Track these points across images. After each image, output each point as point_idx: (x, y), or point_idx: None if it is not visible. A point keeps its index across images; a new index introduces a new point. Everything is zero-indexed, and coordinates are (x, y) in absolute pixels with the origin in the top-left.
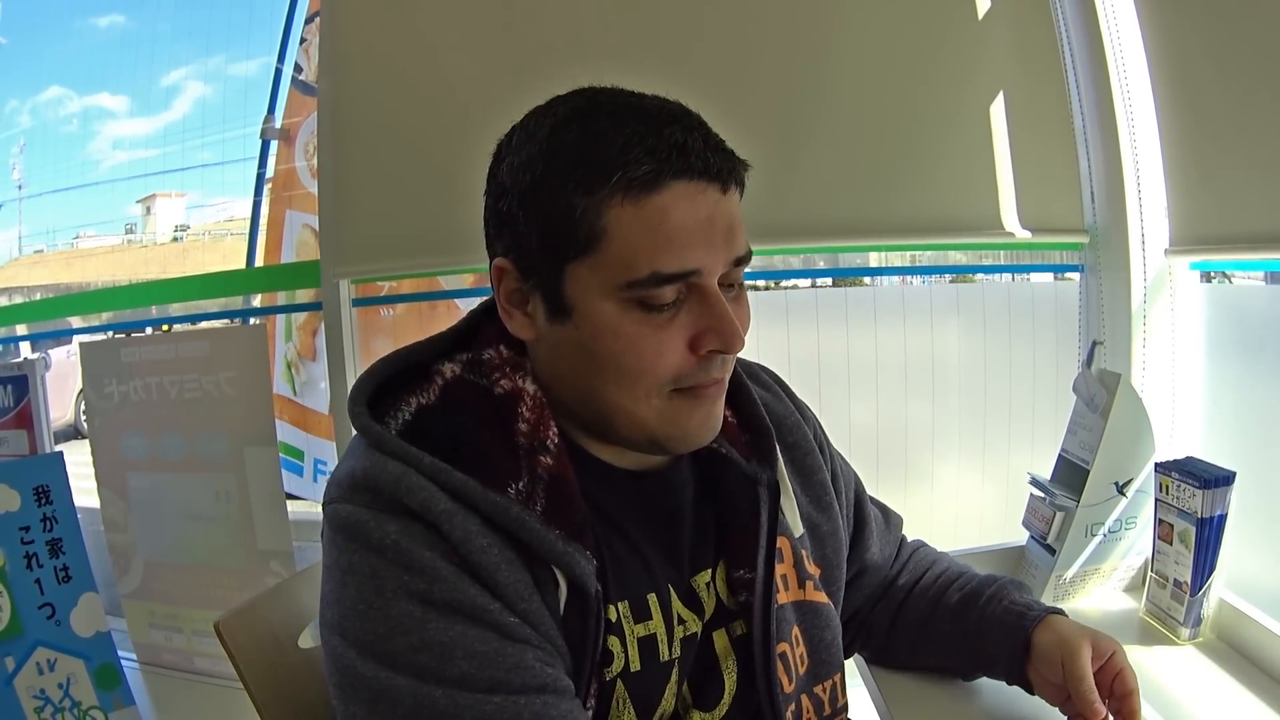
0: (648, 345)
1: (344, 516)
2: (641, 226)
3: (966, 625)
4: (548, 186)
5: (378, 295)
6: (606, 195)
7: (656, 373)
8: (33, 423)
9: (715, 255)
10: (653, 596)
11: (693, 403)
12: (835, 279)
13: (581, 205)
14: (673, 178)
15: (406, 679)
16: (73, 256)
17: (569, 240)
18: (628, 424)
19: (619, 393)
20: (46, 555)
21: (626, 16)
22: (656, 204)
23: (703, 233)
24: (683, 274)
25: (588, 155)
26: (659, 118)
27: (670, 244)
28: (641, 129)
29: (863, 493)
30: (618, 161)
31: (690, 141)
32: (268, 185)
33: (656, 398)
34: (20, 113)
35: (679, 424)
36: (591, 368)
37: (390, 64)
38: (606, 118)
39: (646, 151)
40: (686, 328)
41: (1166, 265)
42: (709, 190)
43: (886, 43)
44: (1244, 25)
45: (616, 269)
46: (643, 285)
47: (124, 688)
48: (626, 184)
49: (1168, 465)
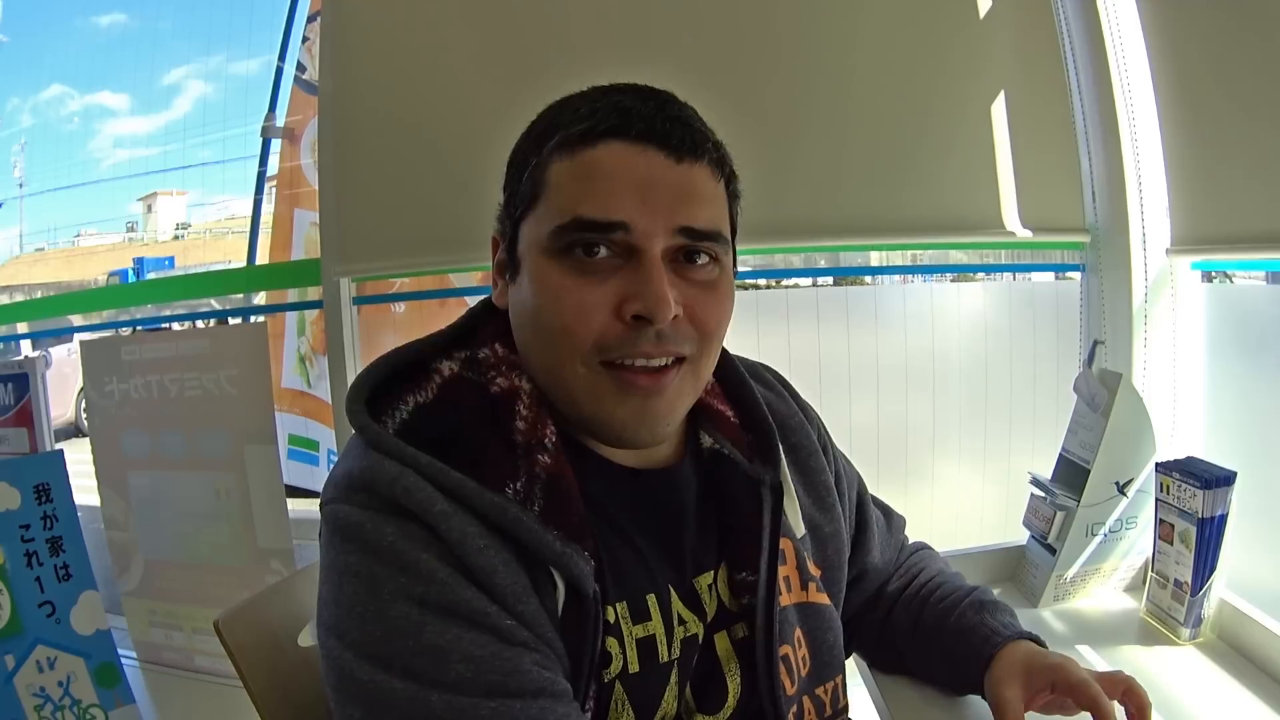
0: (569, 298)
1: (341, 517)
2: (571, 176)
3: (939, 645)
4: (515, 154)
5: (384, 293)
6: (550, 151)
7: (577, 330)
8: (33, 421)
9: (651, 216)
10: (652, 597)
11: (620, 387)
12: (836, 278)
13: (533, 162)
14: (609, 136)
15: (403, 682)
16: (74, 254)
17: (522, 196)
18: (560, 394)
19: (547, 354)
20: (47, 553)
21: (628, 15)
22: (588, 157)
23: (637, 190)
24: (606, 222)
25: (545, 122)
26: (622, 90)
27: (595, 192)
28: (596, 98)
29: (865, 494)
30: (562, 122)
31: (638, 107)
32: (269, 183)
33: (581, 365)
34: (21, 111)
35: (607, 408)
36: (531, 328)
37: (391, 62)
38: (580, 96)
39: (590, 113)
40: (616, 292)
41: (1168, 265)
42: (651, 153)
43: (888, 42)
44: (1245, 25)
45: (548, 218)
46: (566, 231)
47: (124, 686)
48: (565, 140)
49: (1168, 465)
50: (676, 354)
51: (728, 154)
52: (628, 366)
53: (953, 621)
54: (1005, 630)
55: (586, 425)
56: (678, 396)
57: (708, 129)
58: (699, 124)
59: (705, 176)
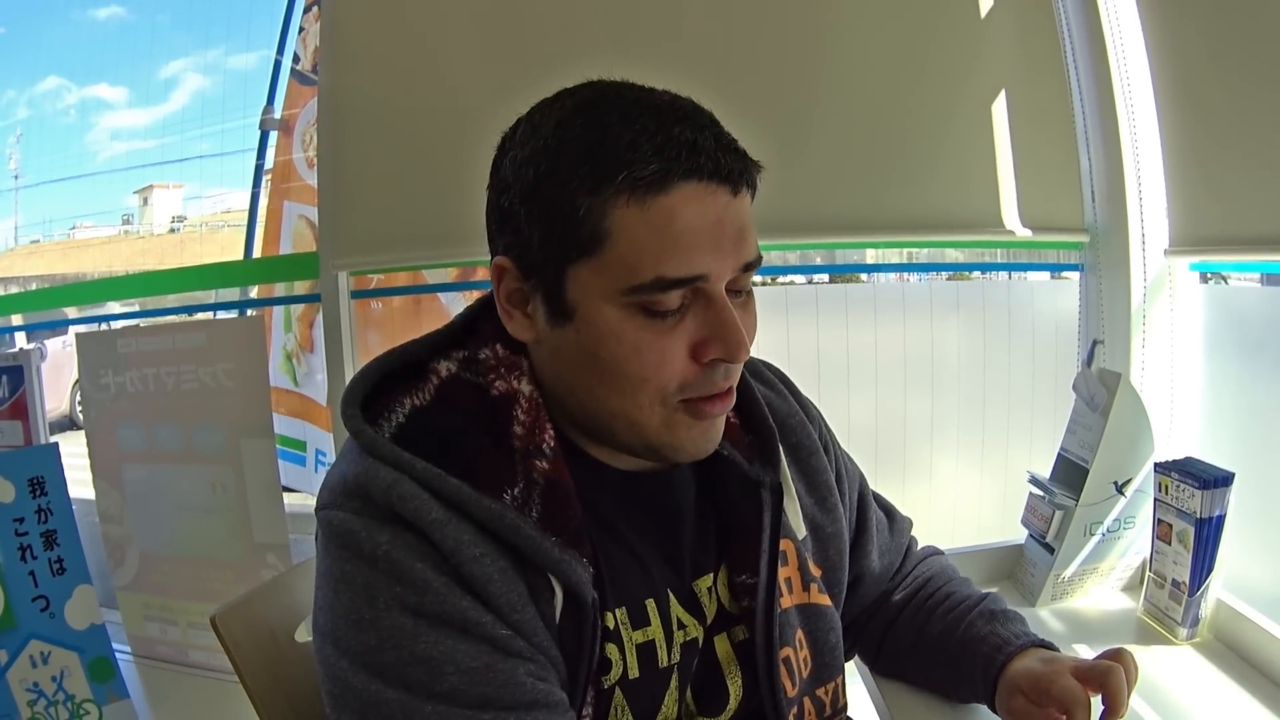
0: (650, 352)
1: (336, 524)
2: (647, 228)
3: (945, 656)
4: (551, 184)
5: (383, 287)
6: (612, 194)
7: (659, 380)
8: (28, 413)
9: (723, 260)
10: (651, 602)
11: (694, 418)
12: (832, 275)
13: (585, 204)
14: (681, 178)
15: (397, 692)
16: (69, 247)
17: (571, 240)
18: (628, 431)
19: (621, 400)
20: (41, 547)
21: (627, 9)
22: (664, 205)
23: (711, 236)
24: (689, 279)
25: (593, 152)
26: (669, 115)
27: (677, 247)
28: (650, 126)
29: (867, 494)
30: (624, 159)
31: (701, 140)
32: (266, 177)
33: (660, 406)
34: (18, 103)
35: (679, 435)
36: (593, 373)
37: (390, 54)
38: (614, 113)
39: (655, 150)
40: (690, 334)
41: (1166, 265)
42: (719, 192)
43: (887, 39)
44: (1245, 25)
45: (620, 272)
46: (647, 290)
47: (118, 680)
48: (632, 183)
49: (1167, 465)
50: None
51: None
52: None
53: (961, 632)
54: (1017, 640)
55: (645, 451)
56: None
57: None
58: (740, 146)
59: (748, 202)
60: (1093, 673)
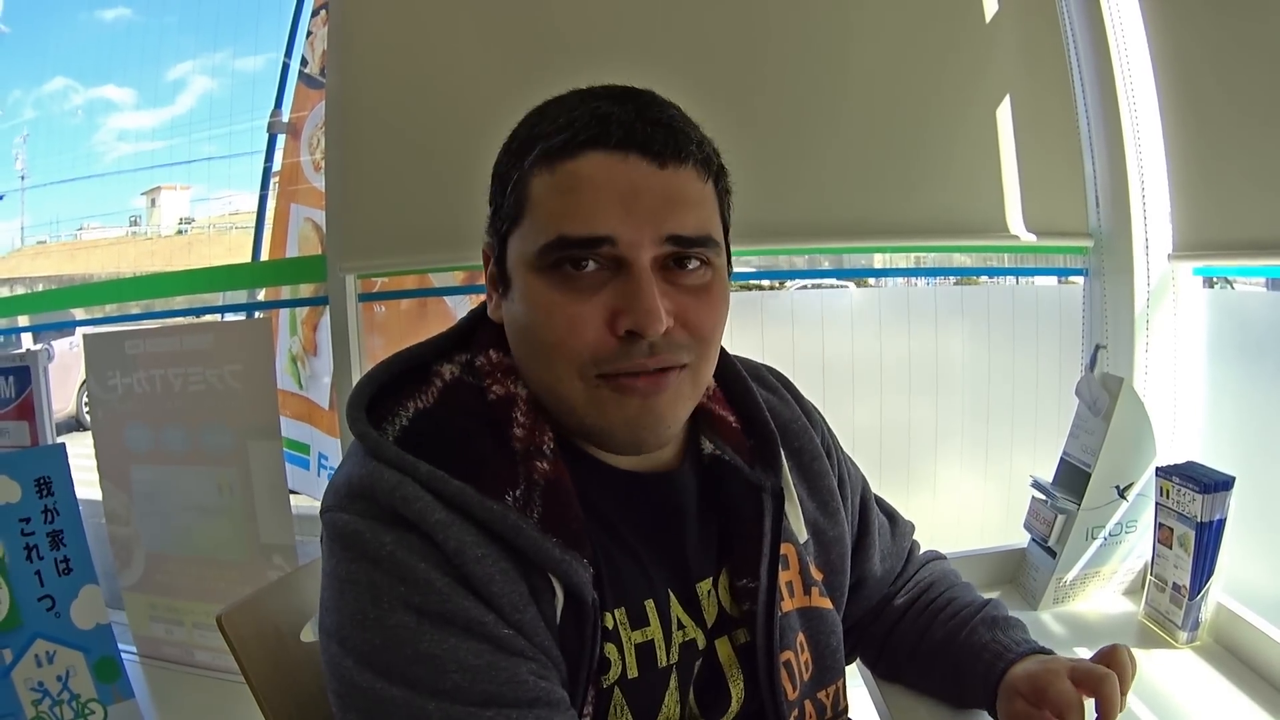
0: (560, 316)
1: (341, 526)
2: (554, 192)
3: (946, 663)
4: (500, 166)
5: (389, 290)
6: (531, 165)
7: (571, 347)
8: (34, 414)
9: (636, 227)
10: (650, 603)
11: (618, 394)
12: (839, 279)
13: (515, 178)
14: (589, 146)
15: (401, 690)
16: (76, 248)
17: (506, 212)
18: (560, 408)
19: (543, 370)
20: (47, 547)
21: (637, 14)
22: (568, 169)
23: (621, 201)
24: (591, 238)
25: (525, 134)
26: (599, 96)
27: (579, 208)
28: (575, 104)
29: (869, 498)
30: (542, 133)
31: (617, 113)
32: (274, 179)
33: (579, 380)
34: (24, 104)
35: (606, 415)
36: (525, 345)
37: (398, 57)
38: (555, 103)
39: (567, 123)
40: (606, 305)
41: (1170, 270)
42: (635, 161)
43: (893, 46)
44: (1248, 32)
45: (534, 236)
46: (552, 250)
47: (124, 680)
48: (545, 152)
49: (1168, 469)
50: (673, 363)
51: (714, 150)
52: (625, 374)
53: (963, 638)
54: (1017, 647)
55: (589, 435)
56: (677, 398)
57: (692, 127)
58: (682, 124)
59: (691, 179)
60: (1089, 677)
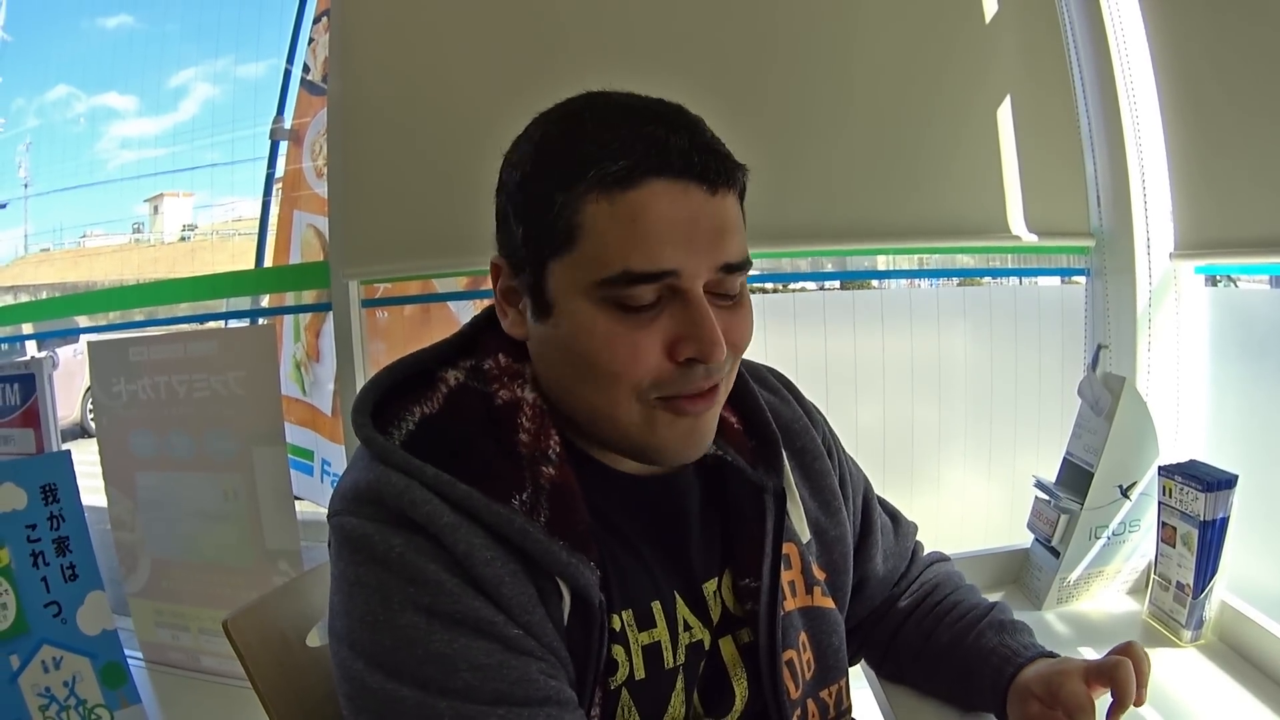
0: (621, 346)
1: (349, 529)
2: (615, 223)
3: (952, 666)
4: (532, 183)
5: (392, 296)
6: (583, 191)
7: (632, 375)
8: (40, 421)
9: (696, 257)
10: (657, 604)
11: (673, 415)
12: (842, 282)
13: (560, 201)
14: (650, 175)
15: (412, 690)
16: (80, 255)
17: (549, 237)
18: (610, 429)
19: (597, 395)
20: (53, 553)
21: (638, 19)
22: (631, 200)
23: (683, 233)
24: (657, 274)
25: (568, 151)
26: (643, 114)
27: (644, 242)
28: (622, 127)
29: (871, 498)
30: (595, 157)
31: (673, 140)
32: (277, 186)
33: (637, 403)
34: (27, 112)
35: (659, 435)
36: (572, 369)
37: (399, 64)
38: (592, 115)
39: (624, 147)
40: (665, 332)
41: (1172, 269)
42: (692, 190)
43: (894, 47)
44: (1248, 30)
45: (591, 266)
46: (615, 284)
47: (130, 686)
48: (601, 179)
49: (1171, 468)
50: (721, 380)
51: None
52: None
53: (970, 641)
54: (1026, 652)
55: (632, 450)
56: (718, 410)
57: (725, 148)
58: (722, 147)
59: (733, 203)
60: (1102, 670)
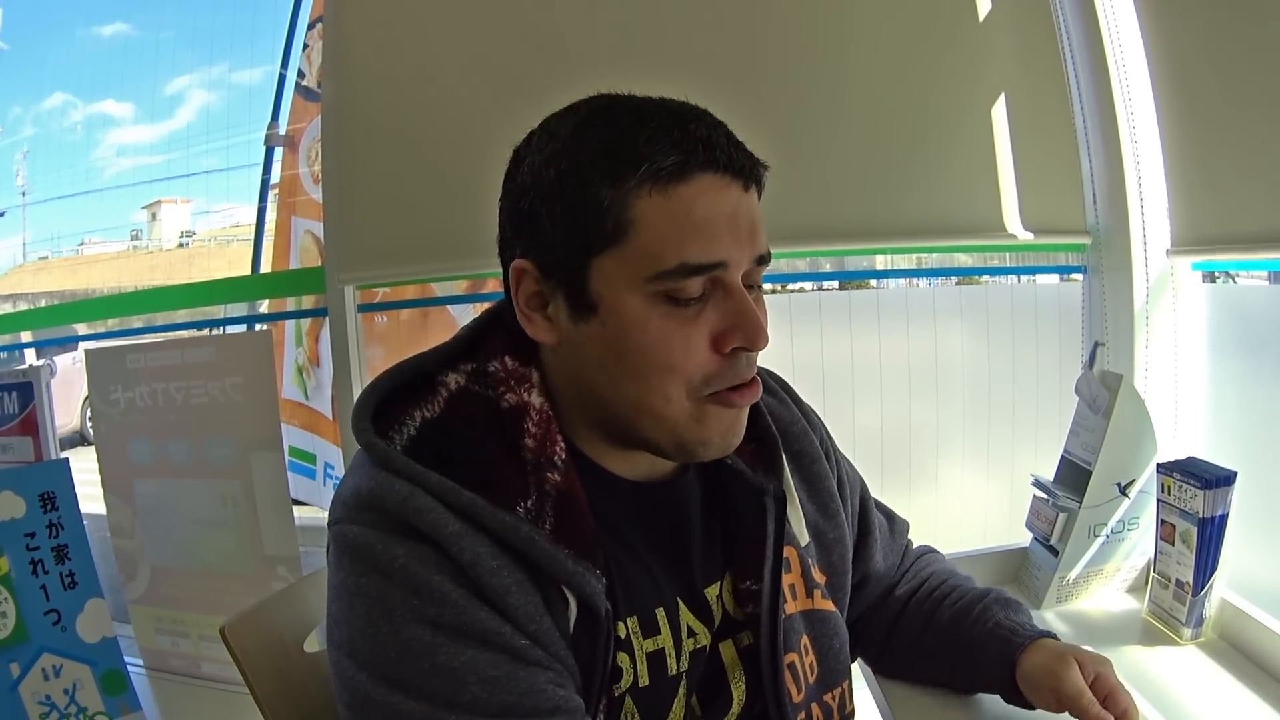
0: (675, 339)
1: (350, 538)
2: (669, 217)
3: (955, 646)
4: (573, 180)
5: (389, 300)
6: (634, 186)
7: (685, 370)
8: (38, 429)
9: (740, 250)
10: (660, 611)
11: (721, 408)
12: (840, 282)
13: (609, 196)
14: (699, 169)
15: (419, 704)
16: (78, 263)
17: (595, 232)
18: (655, 426)
19: (647, 392)
20: (52, 561)
21: (634, 22)
22: (684, 194)
23: (728, 226)
24: (710, 265)
25: (614, 147)
26: (683, 114)
27: (698, 234)
28: (667, 123)
29: (868, 498)
30: (645, 153)
31: (715, 136)
32: (273, 191)
33: (688, 399)
34: (24, 120)
35: (709, 428)
36: (619, 367)
37: (394, 69)
38: (628, 114)
39: (673, 143)
40: (711, 325)
41: (1168, 266)
42: (733, 185)
43: (889, 47)
44: (1243, 27)
45: (644, 260)
46: (671, 276)
47: (130, 693)
48: (654, 174)
49: (1169, 466)
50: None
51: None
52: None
53: (974, 618)
54: (1027, 630)
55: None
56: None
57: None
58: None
59: (757, 200)
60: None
